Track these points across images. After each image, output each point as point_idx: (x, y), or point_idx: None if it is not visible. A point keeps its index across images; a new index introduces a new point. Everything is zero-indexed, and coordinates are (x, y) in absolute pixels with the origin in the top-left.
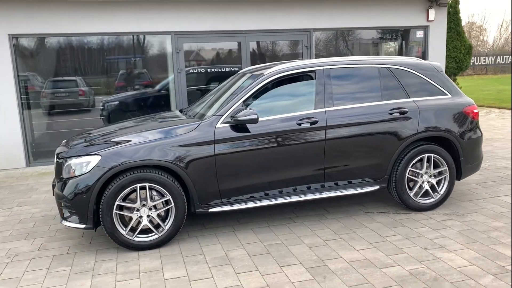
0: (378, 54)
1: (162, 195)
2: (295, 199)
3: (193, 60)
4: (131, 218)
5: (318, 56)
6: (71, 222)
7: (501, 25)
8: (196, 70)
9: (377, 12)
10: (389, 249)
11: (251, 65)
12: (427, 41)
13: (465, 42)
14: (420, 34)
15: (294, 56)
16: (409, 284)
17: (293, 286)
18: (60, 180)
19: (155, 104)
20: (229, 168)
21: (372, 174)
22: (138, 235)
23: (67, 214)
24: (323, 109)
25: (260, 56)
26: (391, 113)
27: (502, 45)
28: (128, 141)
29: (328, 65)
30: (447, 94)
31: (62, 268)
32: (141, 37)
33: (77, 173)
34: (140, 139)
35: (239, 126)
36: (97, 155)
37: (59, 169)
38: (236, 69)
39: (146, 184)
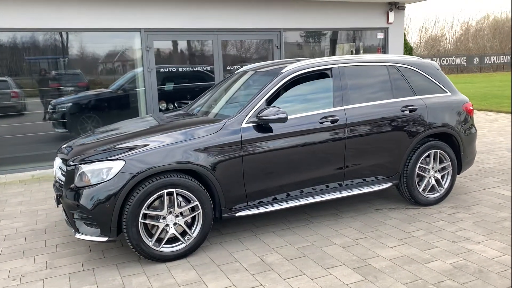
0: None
1: (188, 201)
2: (318, 199)
3: (163, 58)
4: (154, 227)
5: (287, 56)
6: (89, 235)
7: (421, 30)
8: (166, 69)
9: (342, 14)
10: (420, 244)
11: (224, 65)
12: (387, 42)
13: (406, 45)
14: (380, 35)
15: (265, 55)
16: (459, 277)
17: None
18: (71, 189)
19: (116, 105)
20: (255, 169)
21: (386, 171)
22: (164, 245)
23: (82, 226)
24: (342, 107)
25: (231, 56)
26: (403, 111)
27: (422, 49)
28: (146, 145)
29: (343, 63)
30: (447, 92)
31: (86, 287)
32: (96, 33)
33: (94, 181)
34: (161, 143)
35: (263, 126)
36: (120, 159)
37: (70, 176)
38: (208, 68)
39: (174, 190)
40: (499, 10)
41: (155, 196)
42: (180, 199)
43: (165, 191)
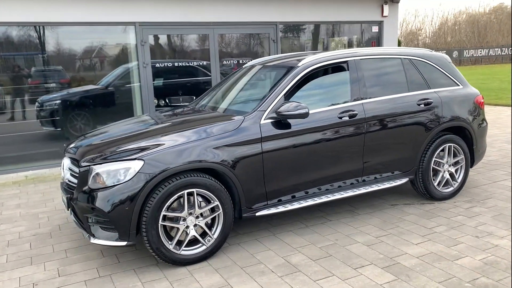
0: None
1: (208, 201)
2: (337, 196)
3: (156, 53)
4: (173, 229)
5: (283, 50)
6: (105, 239)
7: (402, 24)
8: (159, 65)
9: (337, 7)
10: (444, 241)
11: (220, 59)
12: (381, 35)
13: None
14: (375, 29)
15: (262, 49)
16: (492, 274)
17: None
18: (85, 191)
19: (108, 101)
20: (275, 166)
21: (402, 166)
22: (184, 248)
23: (98, 230)
24: (360, 102)
25: (228, 50)
26: (419, 104)
27: (402, 43)
28: (162, 144)
29: (358, 55)
30: (458, 85)
31: None
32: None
33: (110, 182)
34: (178, 141)
35: (281, 122)
36: (138, 159)
37: (83, 178)
38: (202, 63)
39: (194, 190)
40: (477, 4)
41: (175, 196)
42: (200, 199)
43: (186, 191)
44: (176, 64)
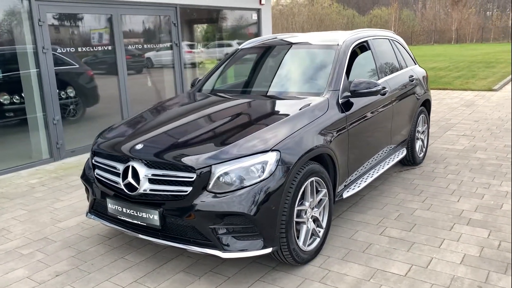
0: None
1: (317, 189)
2: (380, 171)
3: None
4: (299, 224)
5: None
6: (244, 250)
7: None
8: (64, 50)
9: None
10: (470, 195)
11: (125, 43)
12: (260, 22)
13: None
14: (255, 16)
15: (166, 33)
16: None
17: (492, 244)
18: (206, 199)
19: None
20: (354, 145)
21: (403, 137)
22: (306, 244)
23: (232, 241)
24: (385, 78)
25: (133, 33)
26: (410, 80)
27: None
28: (279, 132)
29: (371, 36)
30: (415, 64)
31: None
32: None
33: (246, 181)
34: (295, 127)
35: (349, 100)
36: (273, 150)
37: (200, 183)
38: (109, 48)
39: (314, 178)
40: None
41: (303, 188)
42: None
43: (309, 180)
44: (92, 49)
